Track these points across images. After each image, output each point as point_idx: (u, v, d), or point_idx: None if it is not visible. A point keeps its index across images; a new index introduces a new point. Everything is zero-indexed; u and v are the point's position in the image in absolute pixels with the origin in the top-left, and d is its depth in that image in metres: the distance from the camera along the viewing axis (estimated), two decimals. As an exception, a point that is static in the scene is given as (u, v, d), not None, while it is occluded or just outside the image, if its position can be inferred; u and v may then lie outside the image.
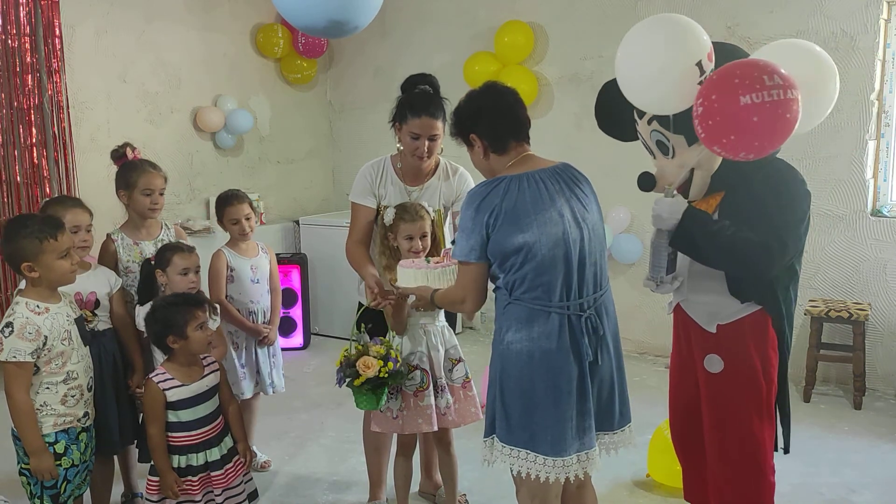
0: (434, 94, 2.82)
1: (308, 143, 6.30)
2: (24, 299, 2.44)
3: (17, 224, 2.47)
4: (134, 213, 3.08)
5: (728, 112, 1.92)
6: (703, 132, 2.00)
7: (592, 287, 2.22)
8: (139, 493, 3.16)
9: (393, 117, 2.85)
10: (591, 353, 2.17)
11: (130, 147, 3.15)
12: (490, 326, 5.75)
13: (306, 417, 4.15)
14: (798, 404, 4.17)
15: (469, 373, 2.86)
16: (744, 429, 2.28)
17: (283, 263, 5.39)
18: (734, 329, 2.26)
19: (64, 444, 2.50)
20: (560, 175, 2.26)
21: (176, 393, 2.52)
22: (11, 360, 2.37)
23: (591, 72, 5.07)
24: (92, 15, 4.89)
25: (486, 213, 2.16)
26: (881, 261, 4.32)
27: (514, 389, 2.19)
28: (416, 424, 2.73)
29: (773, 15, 4.38)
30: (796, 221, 2.16)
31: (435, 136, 2.79)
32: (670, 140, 2.21)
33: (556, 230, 2.14)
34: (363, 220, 2.92)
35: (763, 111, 1.89)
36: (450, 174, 2.98)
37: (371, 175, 2.93)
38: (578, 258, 2.17)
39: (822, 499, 3.21)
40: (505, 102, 2.31)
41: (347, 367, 2.57)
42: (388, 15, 5.35)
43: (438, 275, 2.45)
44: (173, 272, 2.86)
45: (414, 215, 2.73)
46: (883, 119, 4.33)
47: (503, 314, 2.23)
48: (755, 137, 1.94)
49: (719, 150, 2.00)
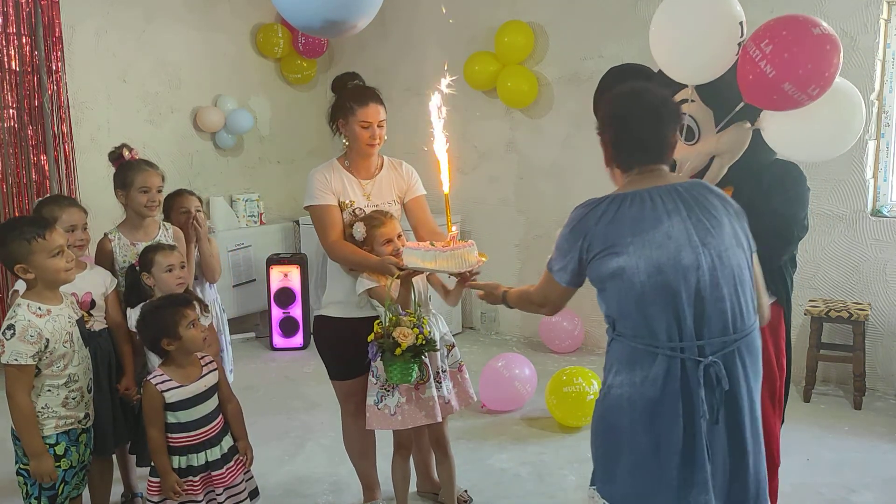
0: (369, 86, 2.91)
1: (308, 143, 6.29)
2: (26, 301, 2.44)
3: (7, 227, 2.48)
4: (132, 213, 3.10)
5: (804, 41, 2.06)
6: (775, 69, 2.06)
7: (719, 327, 1.84)
8: (139, 493, 3.16)
9: (333, 117, 2.89)
10: (709, 409, 1.81)
11: (127, 148, 3.17)
12: (490, 326, 5.76)
13: (306, 417, 4.15)
14: (798, 404, 4.17)
15: (461, 357, 2.92)
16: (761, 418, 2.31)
17: (283, 263, 5.41)
18: None
19: (64, 445, 2.51)
20: (680, 192, 1.91)
21: (174, 394, 2.52)
22: (13, 364, 2.37)
23: (591, 72, 5.07)
24: (92, 15, 4.90)
25: (581, 238, 1.91)
26: (881, 261, 4.32)
27: (616, 440, 1.89)
28: (419, 417, 2.73)
29: (773, 15, 4.33)
30: (802, 216, 2.29)
31: (382, 122, 2.85)
32: (700, 123, 2.23)
33: (661, 254, 1.82)
34: (335, 217, 2.83)
35: (832, 42, 2.07)
36: (396, 167, 3.01)
37: (324, 175, 2.88)
38: (696, 289, 1.82)
39: (822, 499, 3.20)
40: (648, 121, 1.93)
41: (386, 337, 2.57)
42: (388, 15, 5.35)
43: (448, 256, 2.49)
44: (158, 271, 2.86)
45: (384, 218, 2.77)
46: (883, 119, 4.33)
47: (608, 351, 1.97)
48: (826, 67, 2.07)
49: (791, 85, 2.07)
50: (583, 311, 5.28)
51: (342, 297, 2.86)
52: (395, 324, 2.59)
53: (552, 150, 5.33)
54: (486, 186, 5.61)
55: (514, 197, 5.56)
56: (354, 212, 2.85)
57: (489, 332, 5.75)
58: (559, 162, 5.31)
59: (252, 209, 5.81)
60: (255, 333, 5.78)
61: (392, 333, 2.56)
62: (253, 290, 5.67)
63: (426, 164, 4.54)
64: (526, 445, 3.75)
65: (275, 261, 5.44)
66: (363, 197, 2.89)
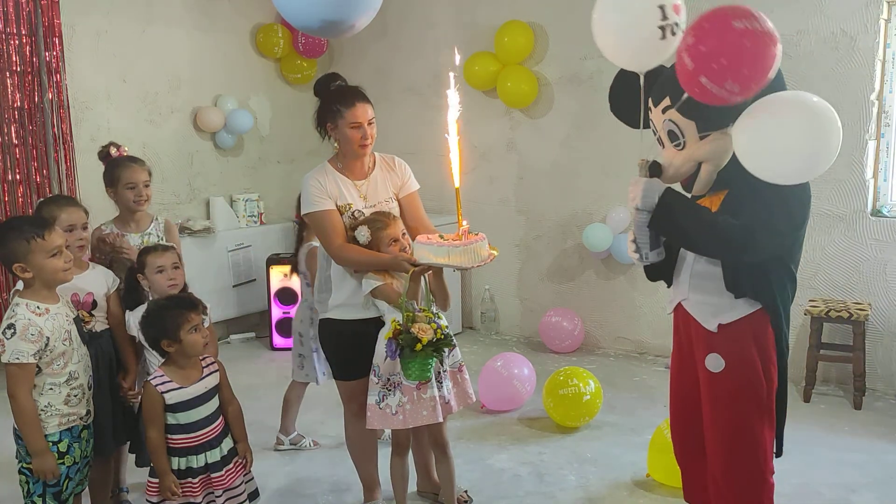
0: (354, 86, 2.87)
1: (308, 143, 6.27)
2: (24, 300, 2.45)
3: (6, 226, 2.50)
4: (123, 209, 3.17)
5: (722, 35, 1.95)
6: (693, 61, 1.99)
7: None
8: (124, 487, 3.19)
9: (321, 121, 2.86)
10: None
11: (115, 145, 3.22)
12: (490, 326, 5.75)
13: (306, 417, 4.14)
14: (798, 404, 4.17)
15: (461, 357, 2.89)
16: (744, 428, 2.28)
17: (283, 263, 5.41)
18: (735, 328, 2.27)
19: (67, 442, 2.52)
20: None
21: (175, 395, 2.52)
22: (14, 362, 2.38)
23: (591, 72, 5.07)
24: (92, 15, 4.89)
25: None
26: (881, 261, 4.32)
27: None
28: (421, 417, 2.73)
29: (773, 15, 4.30)
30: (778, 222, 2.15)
31: (372, 120, 2.82)
32: (683, 130, 2.22)
33: None
34: (337, 222, 2.80)
35: (754, 37, 1.95)
36: (388, 162, 3.00)
37: (318, 181, 2.85)
38: None
39: (822, 499, 3.20)
40: None
41: (405, 332, 2.56)
42: (388, 15, 5.35)
43: (461, 251, 2.48)
44: (150, 273, 2.87)
45: (386, 220, 2.76)
46: (883, 119, 4.33)
47: None
48: (744, 64, 1.96)
49: (707, 79, 1.98)
50: (583, 311, 5.28)
51: (347, 299, 2.85)
52: (411, 320, 2.59)
53: (552, 150, 5.33)
54: (486, 186, 5.61)
55: (514, 197, 5.56)
56: (353, 215, 2.84)
57: (489, 332, 5.75)
58: (559, 162, 5.31)
59: (252, 209, 5.80)
60: (255, 333, 5.78)
61: (411, 329, 2.55)
62: (253, 290, 5.67)
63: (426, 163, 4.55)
64: (525, 445, 3.75)
65: (275, 261, 5.44)
66: (360, 198, 2.87)
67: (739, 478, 2.31)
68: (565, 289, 5.42)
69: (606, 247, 4.99)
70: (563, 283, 5.43)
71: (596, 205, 5.19)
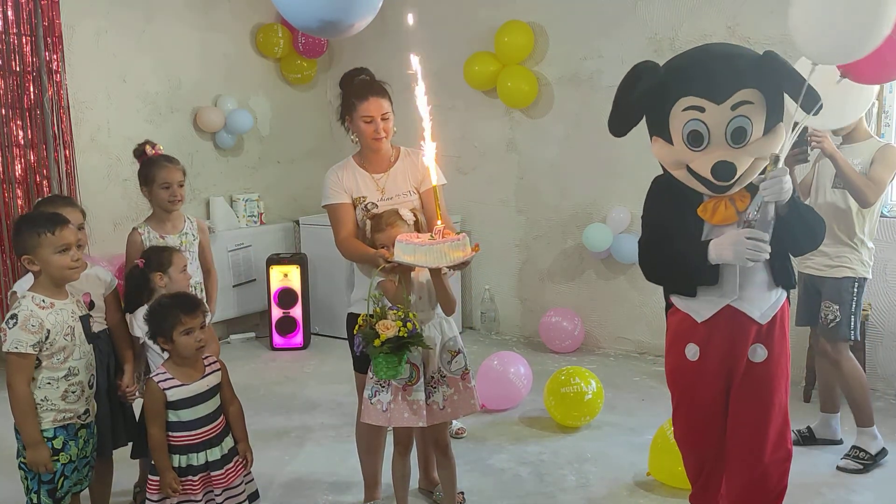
0: (374, 80, 2.95)
1: (308, 143, 6.29)
2: (31, 293, 2.51)
3: (24, 218, 2.63)
4: (157, 208, 3.20)
5: None
6: None
7: None
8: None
9: (342, 115, 2.94)
10: None
11: (150, 144, 3.25)
12: (490, 326, 5.75)
13: (306, 417, 4.15)
14: (798, 404, 4.17)
15: (468, 364, 2.84)
16: (783, 407, 2.43)
17: (283, 263, 5.41)
18: (775, 318, 2.40)
19: (62, 439, 2.53)
20: None
21: (176, 392, 2.53)
22: (13, 351, 2.42)
23: (591, 72, 5.07)
24: (92, 15, 4.89)
25: None
26: (881, 261, 4.31)
27: None
28: (403, 418, 2.71)
29: (773, 15, 4.37)
30: None
31: (386, 115, 2.89)
32: (752, 125, 2.22)
33: None
34: (346, 215, 2.91)
35: None
36: (413, 156, 3.03)
37: (337, 175, 2.95)
38: None
39: (822, 499, 3.20)
40: None
41: (368, 328, 2.56)
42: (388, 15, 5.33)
43: (426, 251, 2.48)
44: (176, 271, 2.90)
45: (383, 224, 2.75)
46: (883, 119, 4.33)
47: None
48: None
49: None
50: (583, 310, 5.28)
51: (364, 293, 2.86)
52: (380, 316, 2.59)
53: (552, 150, 5.33)
54: (486, 186, 5.61)
55: (514, 197, 5.56)
56: (367, 207, 2.90)
57: (489, 332, 5.75)
58: (559, 162, 5.31)
59: (252, 209, 5.81)
60: (255, 333, 5.79)
61: (374, 325, 2.56)
62: (253, 290, 5.68)
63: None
64: (525, 445, 3.75)
65: (275, 261, 5.45)
66: (377, 191, 2.93)
67: (781, 450, 2.46)
68: (565, 289, 5.43)
69: (606, 247, 5.00)
70: (563, 283, 5.43)
71: (596, 205, 5.19)
